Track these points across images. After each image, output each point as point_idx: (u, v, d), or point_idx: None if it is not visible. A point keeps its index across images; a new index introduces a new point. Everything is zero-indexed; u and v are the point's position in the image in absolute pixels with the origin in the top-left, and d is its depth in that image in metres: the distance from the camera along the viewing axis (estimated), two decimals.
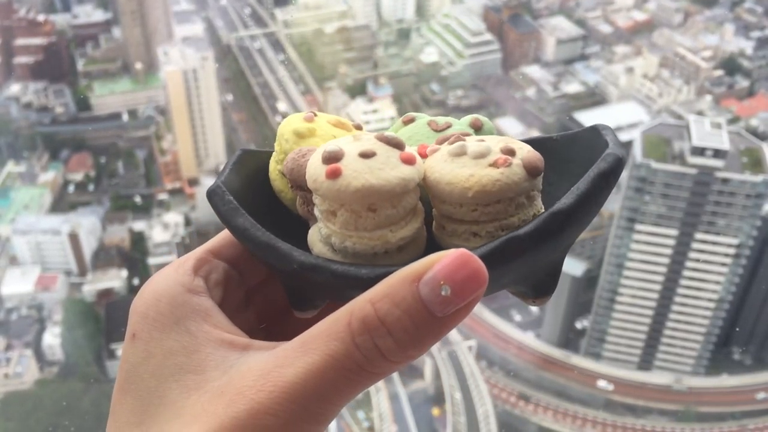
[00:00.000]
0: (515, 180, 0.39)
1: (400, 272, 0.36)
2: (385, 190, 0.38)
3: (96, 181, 16.33)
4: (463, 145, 0.41)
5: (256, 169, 0.48)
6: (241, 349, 0.39)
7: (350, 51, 18.27)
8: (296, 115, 0.47)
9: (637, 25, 18.32)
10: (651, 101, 16.70)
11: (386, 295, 0.35)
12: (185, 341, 0.39)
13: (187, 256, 0.44)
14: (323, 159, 0.39)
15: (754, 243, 13.02)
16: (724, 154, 12.78)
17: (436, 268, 0.35)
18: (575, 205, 0.39)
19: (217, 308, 0.41)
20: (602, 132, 0.47)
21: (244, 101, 18.58)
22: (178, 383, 0.38)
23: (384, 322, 0.35)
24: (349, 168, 0.38)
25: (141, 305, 0.42)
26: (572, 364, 14.17)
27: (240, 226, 0.41)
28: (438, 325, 0.35)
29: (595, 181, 0.41)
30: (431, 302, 0.35)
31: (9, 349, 12.06)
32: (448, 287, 0.35)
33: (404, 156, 0.39)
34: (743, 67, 16.81)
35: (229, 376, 0.37)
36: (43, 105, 16.74)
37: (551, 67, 18.16)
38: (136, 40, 18.11)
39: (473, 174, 0.39)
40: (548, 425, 13.59)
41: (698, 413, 13.50)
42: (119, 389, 0.40)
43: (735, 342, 14.19)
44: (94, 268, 14.08)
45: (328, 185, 0.38)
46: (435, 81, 18.16)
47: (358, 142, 0.40)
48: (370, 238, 0.40)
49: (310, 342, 0.36)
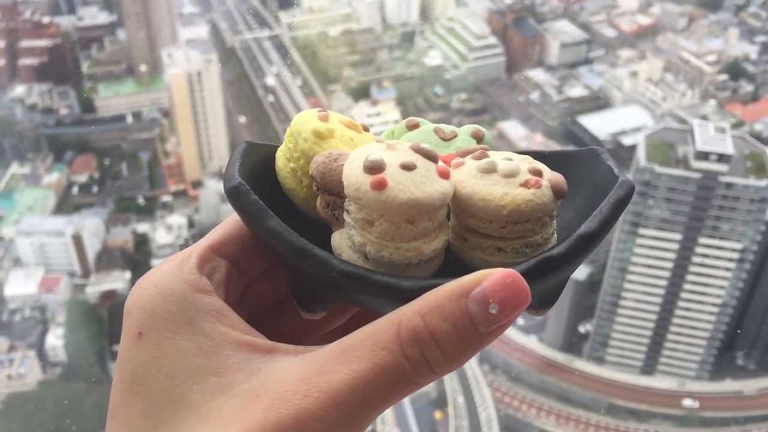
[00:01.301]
0: (545, 201, 0.41)
1: (447, 286, 0.37)
2: (428, 203, 0.39)
3: (100, 182, 16.36)
4: (493, 162, 0.42)
5: (261, 163, 0.47)
6: (266, 352, 0.38)
7: (354, 54, 18.29)
8: (309, 112, 0.46)
9: (641, 29, 18.31)
10: (655, 105, 16.68)
11: (435, 308, 0.36)
12: (201, 342, 0.38)
13: (189, 252, 0.43)
14: (366, 168, 0.39)
15: (757, 247, 13.00)
16: (728, 159, 12.76)
17: (485, 285, 0.36)
18: (600, 229, 0.42)
19: (229, 308, 0.40)
20: (602, 156, 0.49)
21: (248, 104, 18.60)
22: (199, 385, 0.37)
23: (433, 334, 0.36)
24: (394, 180, 0.38)
25: (146, 303, 0.40)
26: (575, 368, 14.15)
27: (272, 228, 0.41)
28: (481, 340, 0.37)
29: (615, 207, 0.43)
30: (478, 318, 0.36)
31: (12, 350, 12.08)
32: (496, 305, 0.36)
33: (440, 169, 0.40)
34: (747, 72, 16.79)
35: (259, 379, 0.37)
36: (48, 107, 16.78)
37: (555, 70, 18.16)
38: (141, 43, 18.15)
39: (507, 193, 0.41)
40: (551, 429, 13.56)
41: (701, 418, 13.46)
42: (125, 390, 0.39)
43: (738, 346, 14.16)
44: (98, 270, 14.09)
45: (372, 196, 0.38)
46: (438, 84, 18.17)
47: (394, 152, 0.40)
48: (407, 249, 0.40)
49: (353, 349, 0.36)
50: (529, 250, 0.42)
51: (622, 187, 0.44)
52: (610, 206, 0.43)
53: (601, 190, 0.46)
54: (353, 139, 0.45)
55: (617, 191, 0.43)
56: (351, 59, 18.19)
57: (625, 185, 0.44)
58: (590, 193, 0.47)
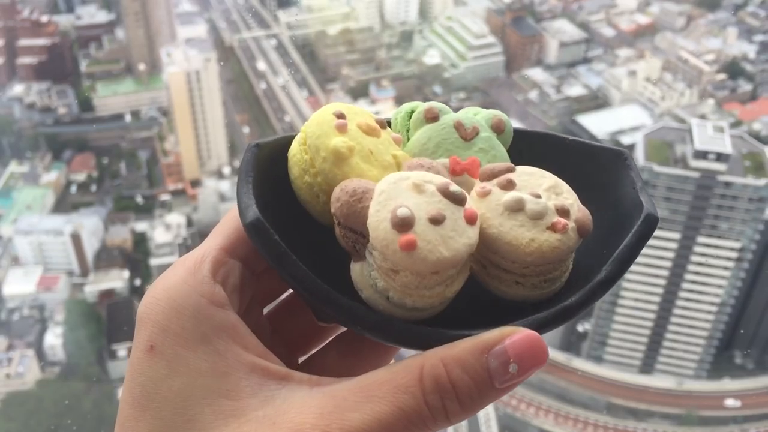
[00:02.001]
0: (570, 245, 0.41)
1: (471, 340, 0.37)
2: (456, 260, 0.39)
3: (98, 181, 16.34)
4: (521, 200, 0.41)
5: (272, 163, 0.46)
6: (280, 378, 0.38)
7: (353, 53, 18.28)
8: (326, 116, 0.44)
9: (639, 28, 18.30)
10: (653, 104, 16.68)
11: (458, 360, 0.37)
12: (214, 361, 0.38)
13: (202, 256, 0.42)
14: (394, 225, 0.38)
15: (756, 247, 13.00)
16: (726, 158, 12.76)
17: (507, 344, 0.37)
18: (619, 274, 0.41)
19: (243, 325, 0.40)
20: (627, 163, 0.46)
21: (247, 102, 18.59)
22: (211, 407, 0.37)
23: (454, 385, 0.36)
24: (423, 240, 0.38)
25: (158, 315, 0.39)
26: (574, 368, 14.15)
27: (294, 275, 0.40)
28: (495, 394, 0.38)
29: (637, 247, 0.42)
30: (497, 374, 0.37)
31: (11, 349, 12.06)
32: (516, 365, 0.37)
33: (468, 215, 0.39)
34: (746, 71, 16.79)
35: (275, 407, 0.37)
36: (47, 105, 16.76)
37: (554, 70, 18.15)
38: (140, 42, 18.13)
39: (534, 239, 0.40)
40: (550, 428, 13.56)
41: (700, 417, 13.47)
42: (135, 404, 0.38)
43: (737, 346, 14.16)
44: (96, 269, 14.08)
45: (402, 257, 0.38)
46: (437, 83, 18.16)
47: (422, 198, 0.39)
48: (429, 296, 0.40)
49: (374, 389, 0.36)
50: (547, 285, 0.42)
51: (646, 222, 0.42)
52: (631, 247, 0.42)
53: (623, 209, 0.44)
54: (372, 152, 0.44)
55: (641, 228, 0.42)
56: (350, 58, 18.18)
57: (649, 221, 0.42)
58: (611, 209, 0.46)
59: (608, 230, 0.44)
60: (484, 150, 0.47)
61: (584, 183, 0.46)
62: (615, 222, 0.44)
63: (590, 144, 0.49)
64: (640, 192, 0.44)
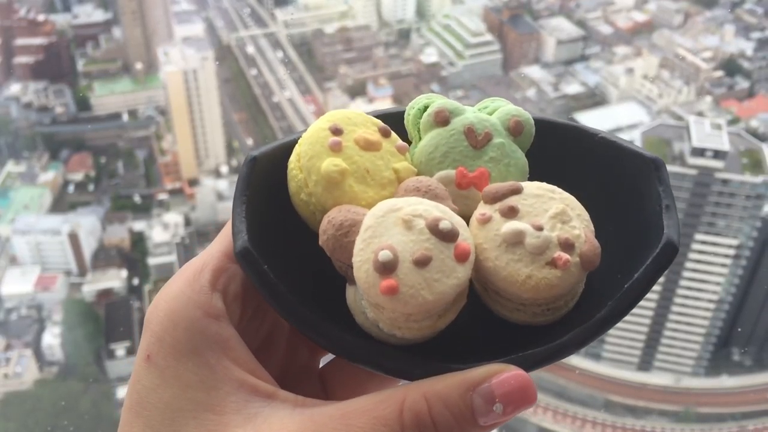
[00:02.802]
0: (571, 282, 0.39)
1: (456, 376, 0.36)
2: (440, 304, 0.37)
3: (96, 181, 16.31)
4: (521, 233, 0.39)
5: (272, 175, 0.44)
6: (265, 396, 0.38)
7: (350, 51, 18.26)
8: (319, 135, 0.42)
9: (637, 26, 18.30)
10: (651, 102, 16.68)
11: (441, 396, 0.36)
12: (203, 375, 0.38)
13: (203, 265, 0.42)
14: (376, 268, 0.37)
15: (754, 244, 13.01)
16: (724, 155, 12.76)
17: (493, 383, 0.36)
18: (625, 311, 0.39)
19: (237, 338, 0.40)
20: (656, 174, 0.41)
21: (244, 101, 18.56)
22: (196, 420, 0.37)
23: (435, 422, 0.35)
24: (406, 284, 0.36)
25: (156, 325, 0.40)
26: (572, 365, 14.15)
27: (282, 306, 0.39)
28: (478, 431, 0.37)
29: (649, 282, 0.39)
30: (480, 413, 0.36)
31: (8, 349, 12.04)
32: (501, 405, 0.36)
33: (458, 252, 0.38)
34: (743, 68, 16.79)
35: (255, 426, 0.36)
36: (44, 105, 16.73)
37: (551, 67, 18.15)
38: (137, 41, 18.10)
39: (531, 276, 0.38)
40: (548, 426, 13.57)
41: (698, 414, 13.48)
42: (130, 410, 0.39)
43: (735, 343, 14.17)
44: (94, 268, 14.05)
45: (383, 300, 0.37)
46: (435, 81, 18.14)
47: (410, 236, 0.37)
48: (419, 328, 0.39)
49: (354, 417, 0.36)
50: (550, 313, 0.40)
51: (663, 254, 0.39)
52: (642, 282, 0.38)
53: (645, 228, 0.40)
54: (369, 171, 0.42)
55: (657, 260, 0.38)
56: (347, 56, 18.16)
57: (667, 251, 0.39)
58: (633, 226, 0.42)
59: (626, 251, 0.41)
60: (496, 159, 0.44)
61: (607, 190, 0.42)
62: (634, 242, 0.41)
63: (620, 145, 0.45)
64: (664, 212, 0.40)
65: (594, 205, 0.42)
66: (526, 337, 0.40)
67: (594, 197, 0.42)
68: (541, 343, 0.39)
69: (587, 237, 0.39)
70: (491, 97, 0.49)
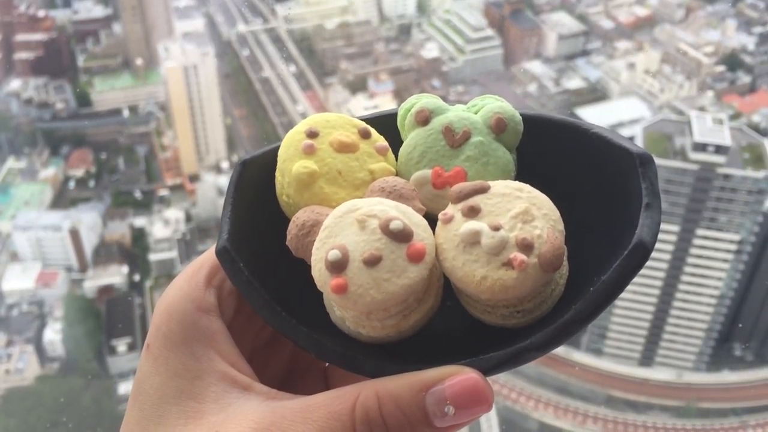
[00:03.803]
0: (529, 284, 0.38)
1: (412, 376, 0.37)
2: (390, 303, 0.38)
3: (96, 177, 16.32)
4: (477, 233, 0.38)
5: (262, 180, 0.46)
6: (242, 388, 0.40)
7: (351, 47, 18.24)
8: (296, 137, 0.44)
9: (638, 20, 18.27)
10: (652, 97, 16.66)
11: (392, 394, 0.37)
12: (189, 365, 0.41)
13: (202, 263, 0.44)
14: (327, 267, 0.38)
15: (755, 239, 13.01)
16: (725, 150, 12.75)
17: (446, 384, 0.37)
18: (592, 316, 0.39)
19: (224, 332, 0.42)
20: (643, 169, 0.40)
21: (245, 97, 18.56)
22: (178, 407, 0.40)
23: (385, 420, 0.37)
24: (354, 283, 0.37)
25: (156, 317, 0.43)
26: (573, 361, 14.17)
27: (256, 303, 0.41)
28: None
29: (617, 285, 0.39)
30: (433, 414, 0.37)
31: (10, 345, 12.07)
32: (453, 407, 0.36)
33: (412, 252, 0.38)
34: (745, 63, 16.77)
35: (226, 414, 0.39)
36: (44, 101, 16.73)
37: (552, 62, 18.13)
38: (137, 36, 18.08)
39: (486, 277, 0.38)
40: (549, 421, 13.59)
41: (699, 409, 13.50)
42: (131, 395, 0.42)
43: (736, 338, 14.18)
44: (95, 265, 14.07)
45: (335, 298, 0.38)
46: (436, 77, 18.12)
47: (362, 236, 0.38)
48: (383, 327, 0.39)
49: (311, 411, 0.37)
50: (520, 315, 0.39)
51: (631, 255, 0.37)
52: (609, 285, 0.38)
53: (626, 226, 0.39)
54: (342, 172, 0.43)
55: (626, 261, 0.37)
56: (348, 52, 18.14)
57: (637, 253, 0.37)
58: (618, 223, 0.41)
59: (608, 249, 0.40)
60: (473, 158, 0.44)
61: (596, 187, 0.42)
62: (616, 240, 0.40)
63: (609, 140, 0.43)
64: (643, 211, 0.39)
65: (582, 202, 0.42)
66: (497, 339, 0.40)
67: (583, 194, 0.41)
68: (505, 346, 0.39)
69: (549, 237, 0.38)
70: (483, 95, 0.48)
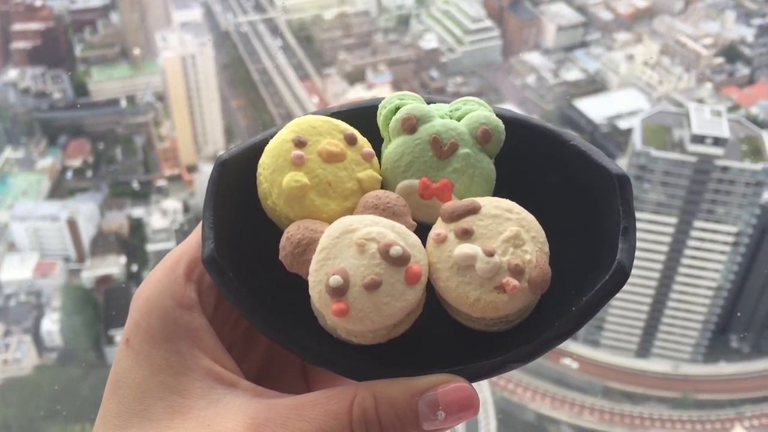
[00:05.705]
0: (519, 305, 0.41)
1: (406, 382, 0.40)
2: (389, 322, 0.40)
3: (94, 167, 16.29)
4: (473, 257, 0.40)
5: (244, 177, 0.45)
6: (228, 384, 0.41)
7: (349, 37, 18.20)
8: (284, 144, 0.43)
9: (637, 12, 18.23)
10: (651, 89, 16.65)
11: (388, 397, 0.39)
12: (173, 361, 0.41)
13: (180, 256, 0.45)
14: (328, 291, 0.39)
15: (753, 231, 13.03)
16: (724, 142, 12.75)
17: (439, 391, 0.39)
18: (572, 331, 0.41)
19: (207, 327, 0.43)
20: (620, 191, 0.41)
21: (243, 87, 18.52)
22: (163, 401, 0.40)
23: (381, 421, 0.39)
24: (356, 307, 0.39)
25: (135, 312, 0.43)
26: (570, 352, 14.21)
27: (246, 311, 0.42)
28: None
29: (597, 305, 0.41)
30: (424, 418, 0.39)
31: (8, 335, 12.08)
32: (444, 413, 0.39)
33: (409, 275, 0.39)
34: (744, 55, 16.75)
35: (215, 410, 0.40)
36: (41, 91, 16.68)
37: (551, 54, 18.10)
38: (135, 26, 18.02)
39: (479, 299, 0.40)
40: (546, 412, 13.64)
41: (696, 400, 13.55)
42: (109, 388, 0.43)
43: (733, 330, 14.23)
44: (93, 255, 14.07)
45: (335, 320, 0.39)
46: (434, 68, 18.09)
47: (362, 260, 0.39)
48: (374, 337, 0.41)
49: (307, 408, 0.39)
50: (503, 324, 0.42)
51: (612, 280, 0.40)
52: (590, 305, 0.40)
53: (603, 247, 0.41)
54: (331, 183, 0.43)
55: (605, 286, 0.40)
56: (346, 42, 18.10)
57: (616, 277, 0.40)
58: (593, 242, 0.43)
59: (585, 266, 0.42)
60: (460, 171, 0.44)
61: (572, 203, 0.43)
62: (592, 259, 0.42)
63: (588, 155, 0.44)
64: (621, 235, 0.41)
65: (557, 217, 0.42)
66: (480, 345, 0.42)
67: (558, 209, 0.43)
68: (491, 354, 0.41)
69: (538, 262, 0.40)
70: (464, 98, 0.48)
